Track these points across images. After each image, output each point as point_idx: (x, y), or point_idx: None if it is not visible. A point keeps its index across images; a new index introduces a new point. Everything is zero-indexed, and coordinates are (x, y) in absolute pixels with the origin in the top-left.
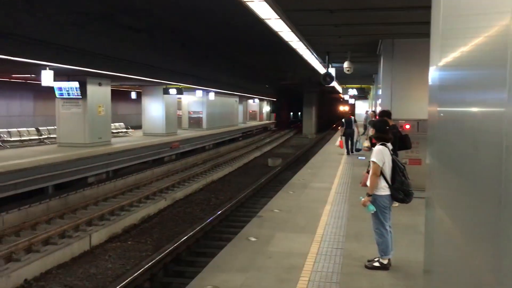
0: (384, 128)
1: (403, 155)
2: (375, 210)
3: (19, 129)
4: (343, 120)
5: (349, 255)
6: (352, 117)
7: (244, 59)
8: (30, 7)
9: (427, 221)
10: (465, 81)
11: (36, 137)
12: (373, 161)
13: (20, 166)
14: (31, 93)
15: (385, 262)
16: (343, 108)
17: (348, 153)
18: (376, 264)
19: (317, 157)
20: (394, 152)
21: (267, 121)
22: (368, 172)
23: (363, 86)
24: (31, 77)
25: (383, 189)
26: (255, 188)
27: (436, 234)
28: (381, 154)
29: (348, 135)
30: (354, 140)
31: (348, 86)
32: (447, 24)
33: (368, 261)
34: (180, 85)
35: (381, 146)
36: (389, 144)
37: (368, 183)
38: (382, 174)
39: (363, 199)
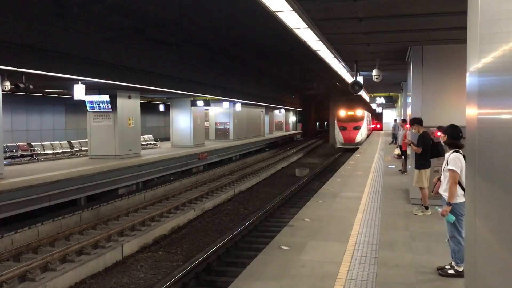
0: (457, 135)
1: (435, 162)
2: (454, 219)
3: (52, 143)
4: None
5: (384, 263)
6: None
7: (270, 69)
8: (64, 23)
9: (467, 232)
10: (508, 87)
11: (68, 150)
12: (452, 169)
13: (54, 178)
14: (63, 107)
15: (461, 269)
16: (345, 113)
17: None
18: (451, 271)
19: (345, 167)
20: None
21: (293, 131)
22: (439, 179)
23: (390, 94)
24: (62, 91)
25: (459, 197)
26: (283, 198)
27: (476, 245)
28: (458, 162)
29: None
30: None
31: (375, 94)
32: (485, 29)
33: (441, 268)
34: (207, 97)
35: (457, 153)
36: (461, 151)
37: (440, 191)
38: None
39: (440, 209)
